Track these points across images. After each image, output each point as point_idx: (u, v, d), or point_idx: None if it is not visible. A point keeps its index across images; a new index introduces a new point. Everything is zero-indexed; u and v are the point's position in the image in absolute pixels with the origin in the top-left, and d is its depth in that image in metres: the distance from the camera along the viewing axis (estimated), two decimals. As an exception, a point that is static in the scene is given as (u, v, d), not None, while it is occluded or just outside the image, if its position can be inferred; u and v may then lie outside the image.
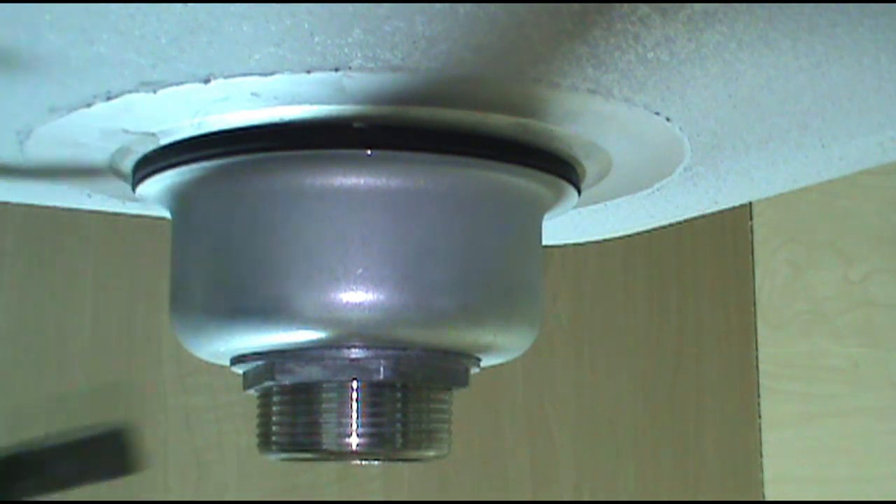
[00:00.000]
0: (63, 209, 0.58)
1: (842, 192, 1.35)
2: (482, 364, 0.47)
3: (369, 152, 0.42)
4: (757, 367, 1.37)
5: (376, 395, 0.44)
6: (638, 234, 0.66)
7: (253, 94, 0.40)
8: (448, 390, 0.46)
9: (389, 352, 0.44)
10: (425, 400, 0.45)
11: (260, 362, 0.45)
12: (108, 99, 0.40)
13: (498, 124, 0.43)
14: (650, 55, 0.38)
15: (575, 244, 0.68)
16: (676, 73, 0.40)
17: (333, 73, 0.38)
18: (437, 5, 0.34)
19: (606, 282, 1.27)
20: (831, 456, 1.34)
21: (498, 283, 0.45)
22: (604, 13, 0.35)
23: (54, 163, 0.48)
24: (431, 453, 0.46)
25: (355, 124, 0.42)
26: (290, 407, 0.45)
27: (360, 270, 0.42)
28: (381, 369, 0.44)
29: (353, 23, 0.35)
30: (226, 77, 0.39)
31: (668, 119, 0.44)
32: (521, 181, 0.45)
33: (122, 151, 0.46)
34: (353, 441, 0.44)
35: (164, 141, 0.44)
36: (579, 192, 0.48)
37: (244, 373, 0.46)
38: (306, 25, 0.35)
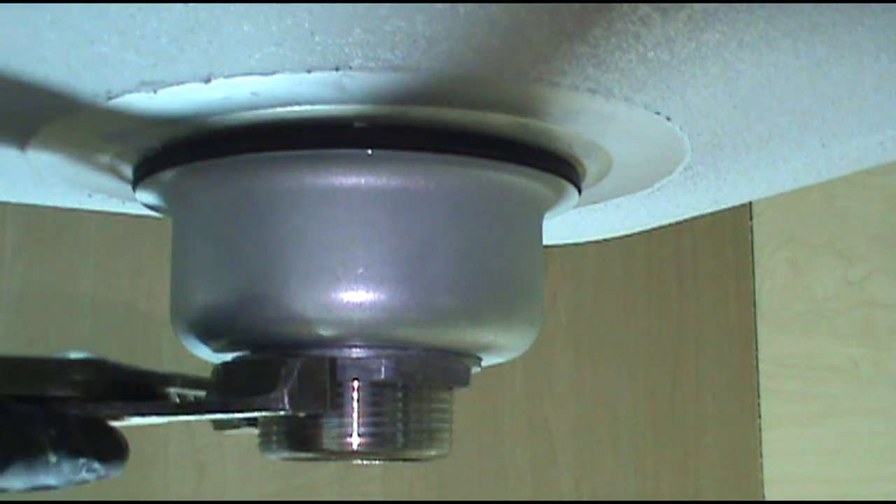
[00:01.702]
0: (63, 209, 0.57)
1: (842, 192, 1.35)
2: (482, 363, 0.47)
3: (370, 152, 0.42)
4: (757, 367, 1.37)
5: (377, 394, 0.44)
6: (638, 234, 0.66)
7: (253, 93, 0.40)
8: (449, 390, 0.46)
9: (390, 351, 0.44)
10: (426, 399, 0.45)
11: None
12: (109, 99, 0.40)
13: (498, 124, 0.43)
14: (651, 55, 0.38)
15: (575, 244, 0.68)
16: (677, 72, 0.40)
17: (334, 73, 0.38)
18: (438, 5, 0.34)
19: (606, 282, 1.27)
20: (831, 456, 1.34)
21: (498, 282, 0.45)
22: (604, 13, 0.35)
23: (55, 162, 0.48)
24: (432, 453, 0.46)
25: (356, 124, 0.42)
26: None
27: (360, 270, 0.42)
28: (382, 369, 0.44)
29: (353, 22, 0.35)
30: (226, 77, 0.39)
31: (668, 118, 0.44)
32: (522, 181, 0.45)
33: (123, 151, 0.46)
34: (354, 441, 0.44)
35: (165, 141, 0.44)
36: (580, 191, 0.48)
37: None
38: (307, 25, 0.35)
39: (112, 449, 0.40)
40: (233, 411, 0.43)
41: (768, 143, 0.49)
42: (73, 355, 0.41)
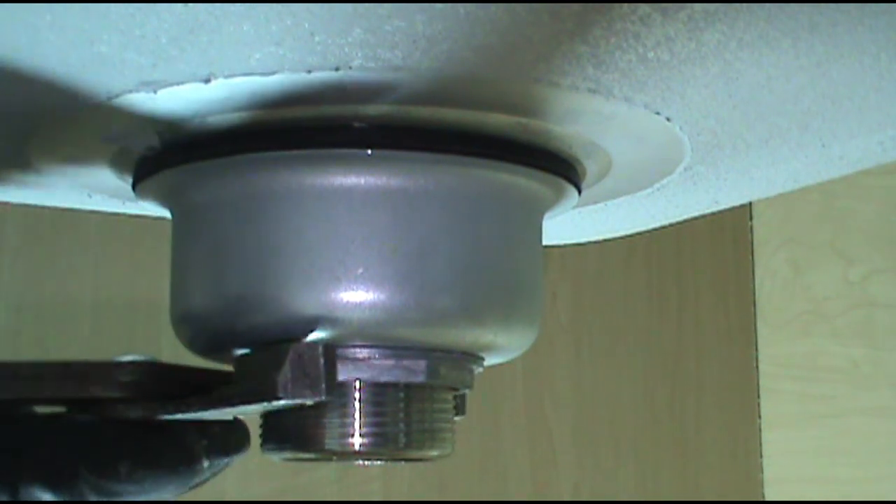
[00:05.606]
0: (63, 209, 0.57)
1: (842, 192, 1.35)
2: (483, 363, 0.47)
3: (369, 152, 0.42)
4: (757, 367, 1.37)
5: (379, 394, 0.44)
6: (638, 234, 0.66)
7: (253, 93, 0.40)
8: (451, 390, 0.46)
9: (391, 351, 0.44)
10: (428, 399, 0.45)
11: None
12: (108, 99, 0.40)
13: (498, 124, 0.43)
14: (650, 54, 0.38)
15: (575, 244, 0.68)
16: (677, 72, 0.40)
17: (334, 73, 0.38)
18: (438, 5, 0.34)
19: (606, 282, 1.27)
20: (831, 456, 1.34)
21: (498, 282, 0.45)
22: (604, 13, 0.35)
23: (54, 163, 0.48)
24: (434, 453, 0.46)
25: (355, 124, 0.42)
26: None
27: (360, 270, 0.42)
28: (384, 369, 0.44)
29: (353, 22, 0.35)
30: (226, 77, 0.39)
31: (668, 119, 0.44)
32: (522, 181, 0.45)
33: (123, 151, 0.46)
34: (356, 441, 0.44)
35: (164, 141, 0.44)
36: (579, 191, 0.48)
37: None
38: (307, 25, 0.35)
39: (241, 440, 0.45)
40: (229, 405, 0.43)
41: (768, 143, 0.49)
42: (126, 358, 0.43)
